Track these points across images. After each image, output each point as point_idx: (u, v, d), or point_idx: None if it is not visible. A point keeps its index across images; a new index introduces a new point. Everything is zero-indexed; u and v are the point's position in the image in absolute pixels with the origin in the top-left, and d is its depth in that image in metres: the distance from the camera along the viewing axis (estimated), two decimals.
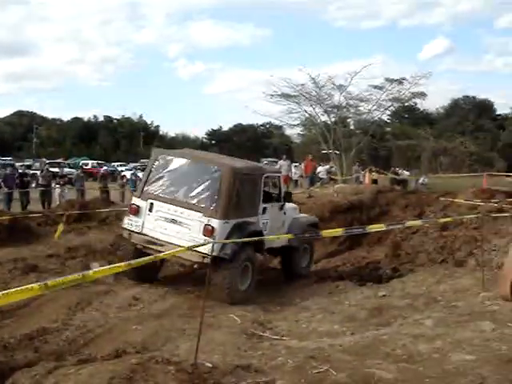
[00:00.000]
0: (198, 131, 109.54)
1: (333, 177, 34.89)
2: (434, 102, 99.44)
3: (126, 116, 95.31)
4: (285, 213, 12.45)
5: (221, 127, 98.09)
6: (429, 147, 56.42)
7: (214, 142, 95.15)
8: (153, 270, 11.42)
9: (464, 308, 8.51)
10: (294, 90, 37.92)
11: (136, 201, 10.96)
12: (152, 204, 10.69)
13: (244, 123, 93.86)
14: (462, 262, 12.20)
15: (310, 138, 53.32)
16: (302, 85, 37.59)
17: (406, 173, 40.84)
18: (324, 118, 40.34)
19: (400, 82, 39.48)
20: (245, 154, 64.54)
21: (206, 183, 10.46)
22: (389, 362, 6.00)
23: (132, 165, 51.26)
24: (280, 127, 66.73)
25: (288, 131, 67.30)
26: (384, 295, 10.48)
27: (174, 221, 10.41)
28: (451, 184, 32.00)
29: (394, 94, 40.20)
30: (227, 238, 9.89)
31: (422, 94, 42.08)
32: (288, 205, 12.69)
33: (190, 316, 8.86)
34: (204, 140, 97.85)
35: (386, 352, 6.39)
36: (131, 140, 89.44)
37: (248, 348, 7.00)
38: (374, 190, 25.49)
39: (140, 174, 25.04)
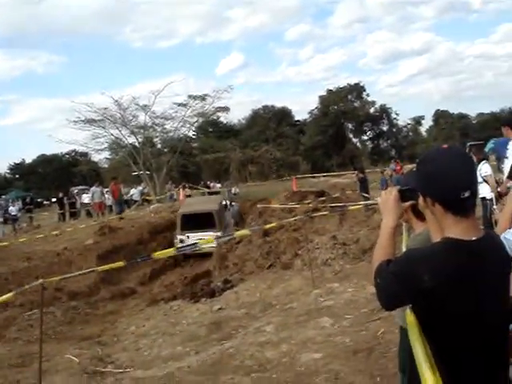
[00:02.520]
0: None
1: (147, 198, 34.53)
2: (236, 114, 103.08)
3: None
4: None
5: (24, 160, 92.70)
6: (236, 158, 58.00)
7: (18, 176, 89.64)
8: None
9: (300, 308, 8.71)
10: (98, 115, 36.90)
11: None
12: None
13: (48, 153, 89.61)
14: (289, 264, 12.57)
15: (118, 161, 52.31)
16: (106, 108, 36.71)
17: (218, 185, 41.70)
18: (131, 139, 39.83)
19: (203, 98, 40.26)
20: (53, 184, 61.76)
21: None
22: (241, 375, 5.92)
23: None
24: (86, 154, 64.90)
25: (95, 157, 65.68)
26: (220, 308, 10.42)
27: None
28: (263, 190, 33.21)
29: (198, 109, 40.93)
30: None
31: (225, 109, 43.30)
32: None
33: (21, 365, 8.09)
34: (7, 175, 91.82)
35: (235, 365, 6.31)
36: None
37: None
38: None
39: None
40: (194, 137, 64.25)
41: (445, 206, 2.00)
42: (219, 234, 17.04)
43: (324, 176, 44.31)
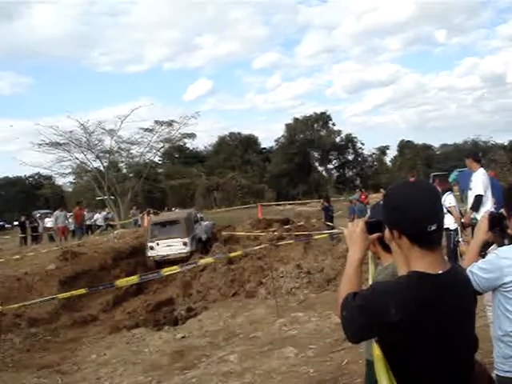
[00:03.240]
0: None
1: (111, 223, 34.17)
2: (203, 140, 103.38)
3: None
4: None
5: None
6: (202, 184, 57.86)
7: None
8: None
9: (264, 337, 8.66)
10: (64, 138, 36.63)
11: None
12: None
13: (12, 176, 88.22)
14: (254, 293, 12.54)
15: (83, 185, 51.78)
16: (71, 132, 36.46)
17: None
18: (96, 163, 39.55)
19: (170, 123, 40.31)
20: (15, 207, 60.69)
21: None
22: None
23: None
24: (50, 177, 64.08)
25: (60, 180, 64.86)
26: (183, 337, 10.32)
27: None
28: (227, 217, 33.11)
29: (164, 135, 40.98)
30: None
31: (192, 135, 43.44)
32: None
33: None
34: None
35: None
36: None
37: None
38: None
39: None
40: (159, 162, 64.06)
41: (411, 239, 1.99)
42: (186, 240, 19.24)
43: (289, 204, 44.44)
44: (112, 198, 38.04)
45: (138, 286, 17.14)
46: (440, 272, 1.99)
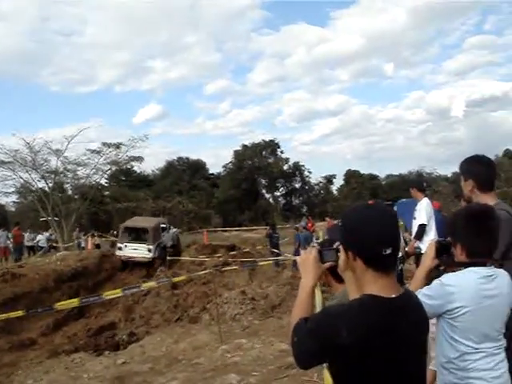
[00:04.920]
0: None
1: (54, 244, 33.47)
2: (151, 164, 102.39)
3: None
4: None
5: None
6: (148, 208, 57.31)
7: None
8: None
9: (207, 364, 8.61)
10: (8, 156, 35.74)
11: None
12: None
13: None
14: (197, 318, 12.47)
15: (26, 205, 50.61)
16: (16, 150, 35.64)
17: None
18: (41, 184, 38.73)
19: (117, 146, 39.97)
20: None
21: None
22: None
23: None
24: None
25: (2, 199, 63.15)
26: (124, 362, 10.13)
27: None
28: None
29: (111, 157, 40.54)
30: None
31: (139, 158, 43.11)
32: None
33: None
34: None
35: None
36: None
37: None
38: (97, 254, 25.15)
39: None
40: (106, 185, 63.22)
41: (366, 261, 2.02)
42: (151, 247, 22.34)
43: (236, 230, 44.49)
44: (56, 219, 37.27)
45: (79, 309, 16.83)
46: (393, 296, 2.01)
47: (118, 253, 22.95)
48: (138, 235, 23.21)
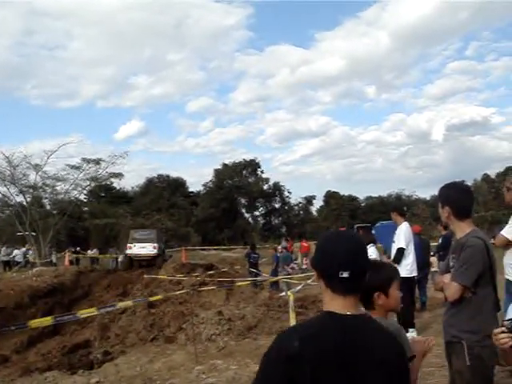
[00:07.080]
0: None
1: (31, 260, 33.18)
2: (131, 180, 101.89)
3: None
4: None
5: None
6: (127, 225, 56.97)
7: None
8: None
9: None
10: None
11: None
12: None
13: None
14: (173, 338, 12.38)
15: (3, 219, 50.06)
16: None
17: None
18: (19, 198, 38.39)
19: (97, 162, 39.86)
20: None
21: None
22: None
23: None
24: None
25: None
26: (98, 382, 10.00)
27: None
28: None
29: (91, 173, 40.38)
30: None
31: (119, 175, 43.02)
32: None
33: None
34: None
35: None
36: None
37: None
38: (74, 271, 25.00)
39: None
40: (85, 200, 62.80)
41: (325, 281, 2.12)
42: (156, 245, 29.48)
43: (214, 249, 44.42)
44: (33, 234, 36.91)
45: (54, 326, 16.61)
46: (348, 313, 2.05)
47: (127, 251, 29.77)
48: (144, 238, 30.00)
